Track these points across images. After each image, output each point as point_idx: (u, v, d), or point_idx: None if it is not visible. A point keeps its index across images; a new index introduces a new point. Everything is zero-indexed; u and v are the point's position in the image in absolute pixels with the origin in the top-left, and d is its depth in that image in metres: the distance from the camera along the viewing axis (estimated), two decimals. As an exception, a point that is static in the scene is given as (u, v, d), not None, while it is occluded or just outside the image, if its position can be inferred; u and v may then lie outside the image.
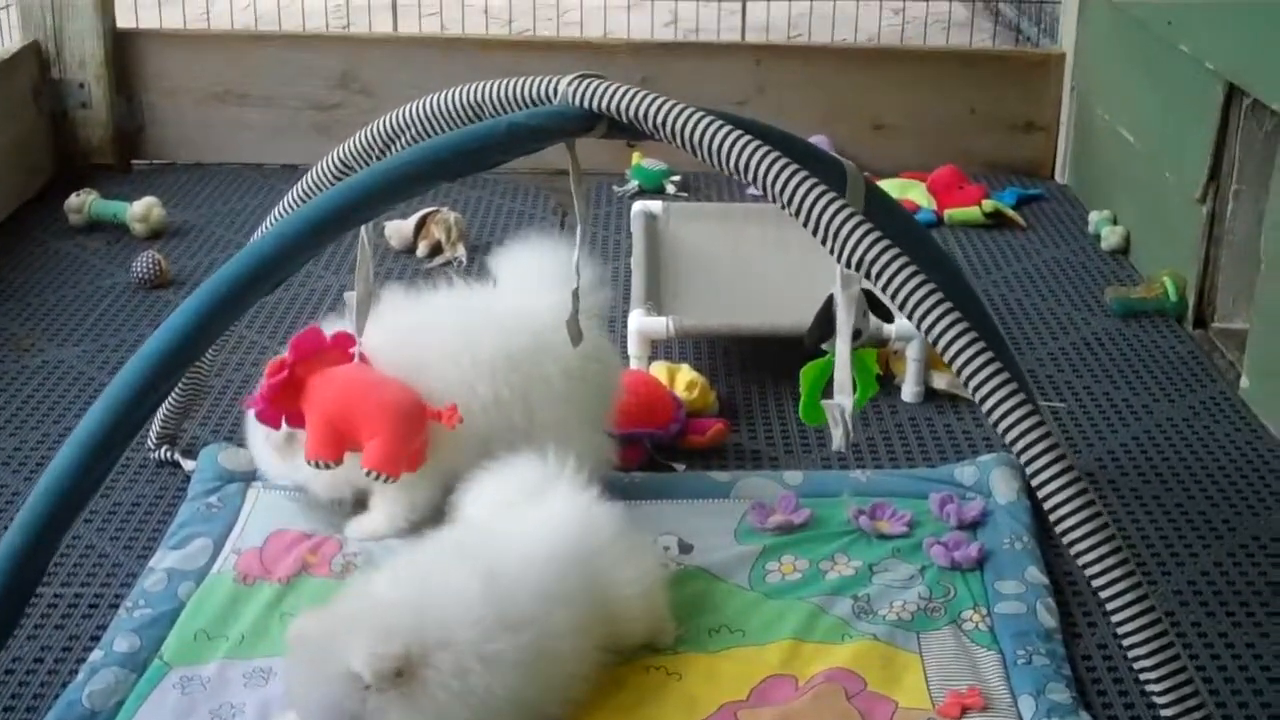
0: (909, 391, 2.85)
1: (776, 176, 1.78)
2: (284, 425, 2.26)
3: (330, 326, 2.31)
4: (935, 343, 1.69)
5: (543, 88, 1.96)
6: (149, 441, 2.57)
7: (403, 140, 2.07)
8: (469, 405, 2.25)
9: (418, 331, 2.32)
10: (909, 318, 1.71)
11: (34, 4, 3.99)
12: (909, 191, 3.90)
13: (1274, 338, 2.79)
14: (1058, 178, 4.18)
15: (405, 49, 4.19)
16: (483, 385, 2.28)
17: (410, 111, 2.07)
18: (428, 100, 2.07)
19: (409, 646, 1.73)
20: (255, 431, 2.38)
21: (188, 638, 2.07)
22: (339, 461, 2.21)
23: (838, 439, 2.08)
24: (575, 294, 2.17)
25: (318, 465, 2.20)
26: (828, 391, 2.16)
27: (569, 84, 1.93)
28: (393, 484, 2.23)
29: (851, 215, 1.74)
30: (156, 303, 3.26)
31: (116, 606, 2.15)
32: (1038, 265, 3.58)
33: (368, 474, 2.20)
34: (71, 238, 3.64)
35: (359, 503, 2.36)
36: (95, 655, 2.02)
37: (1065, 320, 3.26)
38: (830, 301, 2.14)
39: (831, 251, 1.75)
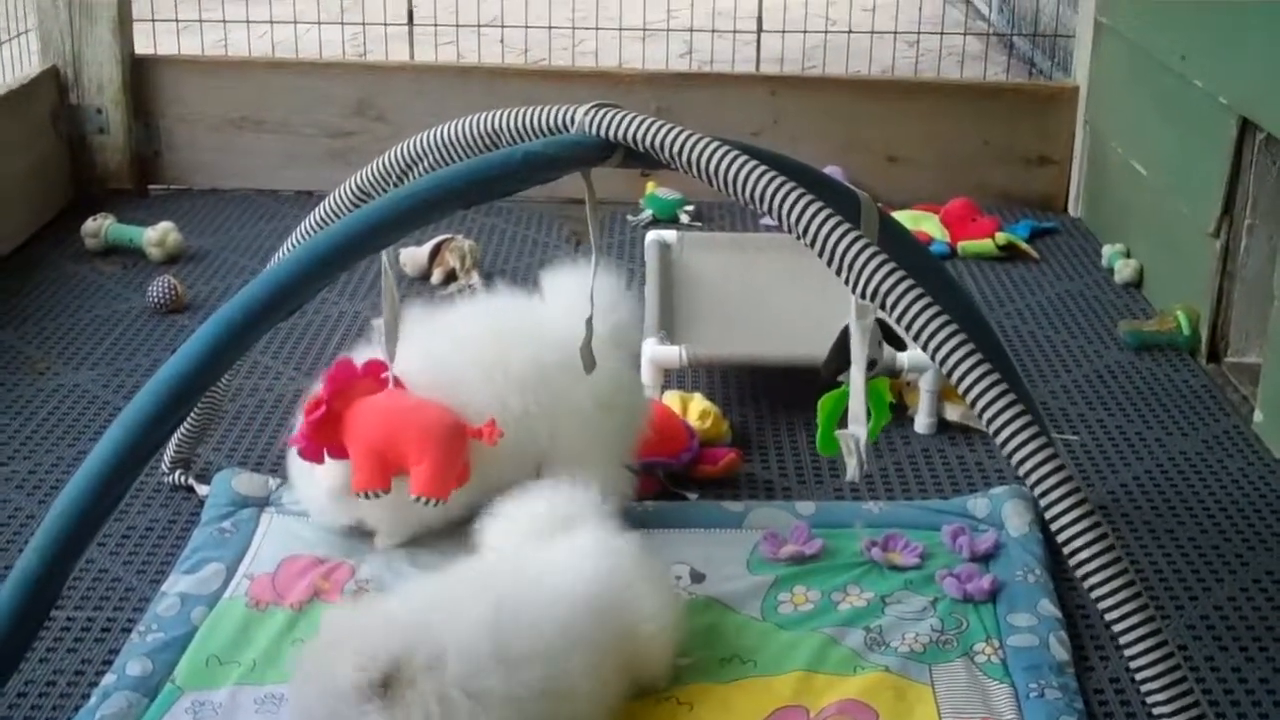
0: (922, 423, 2.85)
1: (792, 207, 1.79)
2: (326, 459, 2.26)
3: (357, 353, 2.32)
4: (949, 374, 1.69)
5: (560, 117, 1.97)
6: (163, 465, 2.58)
7: (420, 167, 2.08)
8: (501, 420, 2.27)
9: (449, 346, 2.33)
10: (923, 349, 1.71)
11: (53, 29, 4.02)
12: (922, 223, 3.90)
13: (1288, 372, 2.79)
14: (1071, 211, 4.19)
15: (421, 77, 4.21)
16: (514, 399, 2.28)
17: (427, 139, 2.08)
18: (445, 128, 2.08)
19: (397, 663, 1.73)
20: (303, 476, 2.36)
21: (200, 663, 2.07)
22: (387, 489, 2.21)
23: (852, 469, 2.08)
24: (589, 322, 2.18)
25: (367, 496, 2.21)
26: (843, 422, 2.17)
27: (586, 113, 1.94)
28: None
29: (866, 246, 1.75)
30: (172, 327, 3.28)
31: (129, 630, 2.16)
32: (1050, 298, 3.58)
33: (416, 500, 2.21)
34: (88, 262, 3.66)
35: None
36: (108, 679, 2.02)
37: (1078, 353, 3.26)
38: (846, 332, 2.14)
39: (846, 282, 1.76)
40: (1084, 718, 2.00)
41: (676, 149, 1.87)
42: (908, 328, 1.72)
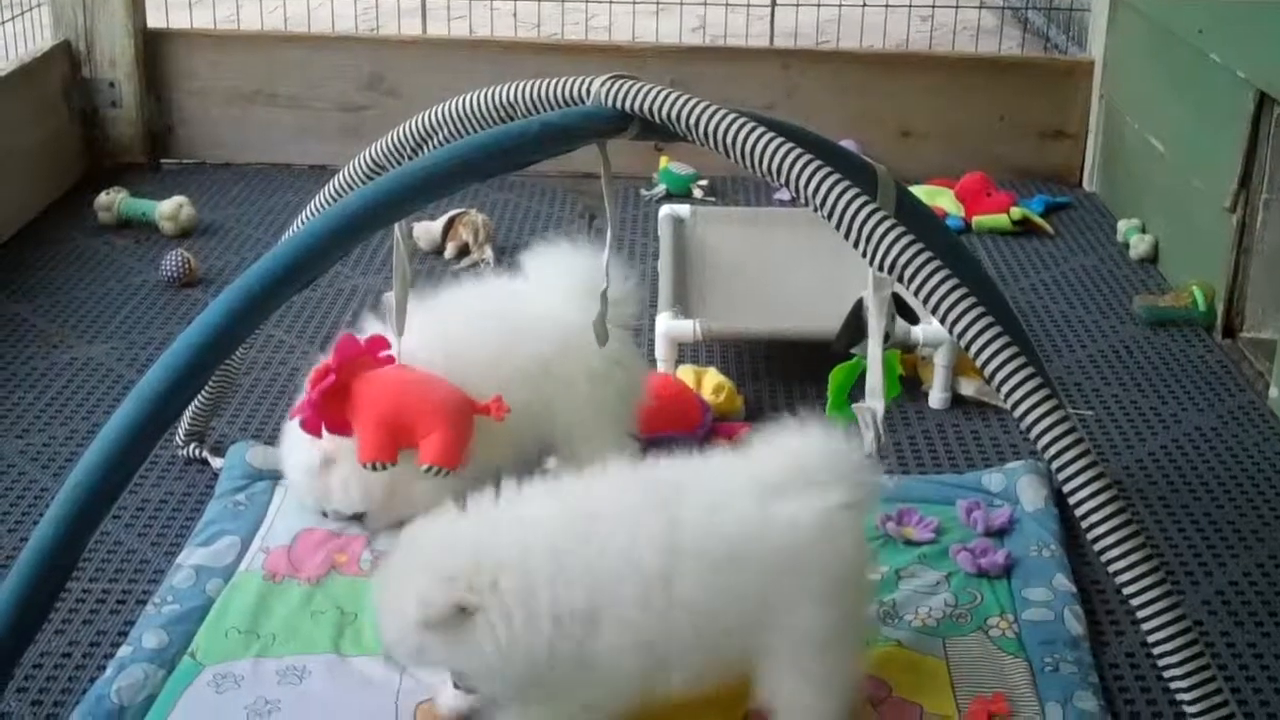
0: (936, 398, 2.84)
1: (809, 179, 1.78)
2: (324, 435, 2.23)
3: (363, 328, 2.31)
4: (967, 347, 1.68)
5: (576, 88, 1.96)
6: (177, 438, 2.58)
7: (435, 140, 2.08)
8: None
9: (452, 339, 2.31)
10: (941, 322, 1.70)
11: (65, 3, 4.01)
12: (937, 198, 3.89)
13: (1304, 348, 2.78)
14: (1086, 185, 4.17)
15: (433, 51, 4.20)
16: (516, 392, 2.27)
17: (442, 112, 2.07)
18: (460, 101, 2.07)
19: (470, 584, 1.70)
20: (290, 454, 2.35)
21: (219, 635, 2.08)
22: (394, 461, 2.19)
23: (869, 442, 2.07)
24: (604, 295, 2.17)
25: (373, 467, 2.19)
26: (854, 394, 2.16)
27: (602, 84, 1.94)
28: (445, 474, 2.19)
29: (884, 218, 1.74)
30: (185, 301, 3.28)
31: (144, 603, 2.16)
32: (1065, 273, 3.57)
33: (426, 470, 2.18)
34: (101, 236, 3.66)
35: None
36: (124, 651, 2.03)
37: (1093, 328, 3.25)
38: (859, 306, 2.13)
39: (864, 254, 1.75)
40: (1099, 692, 2.00)
41: (693, 120, 1.86)
42: (925, 301, 1.71)
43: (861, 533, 1.88)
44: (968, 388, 2.84)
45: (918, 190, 3.86)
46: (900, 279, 1.72)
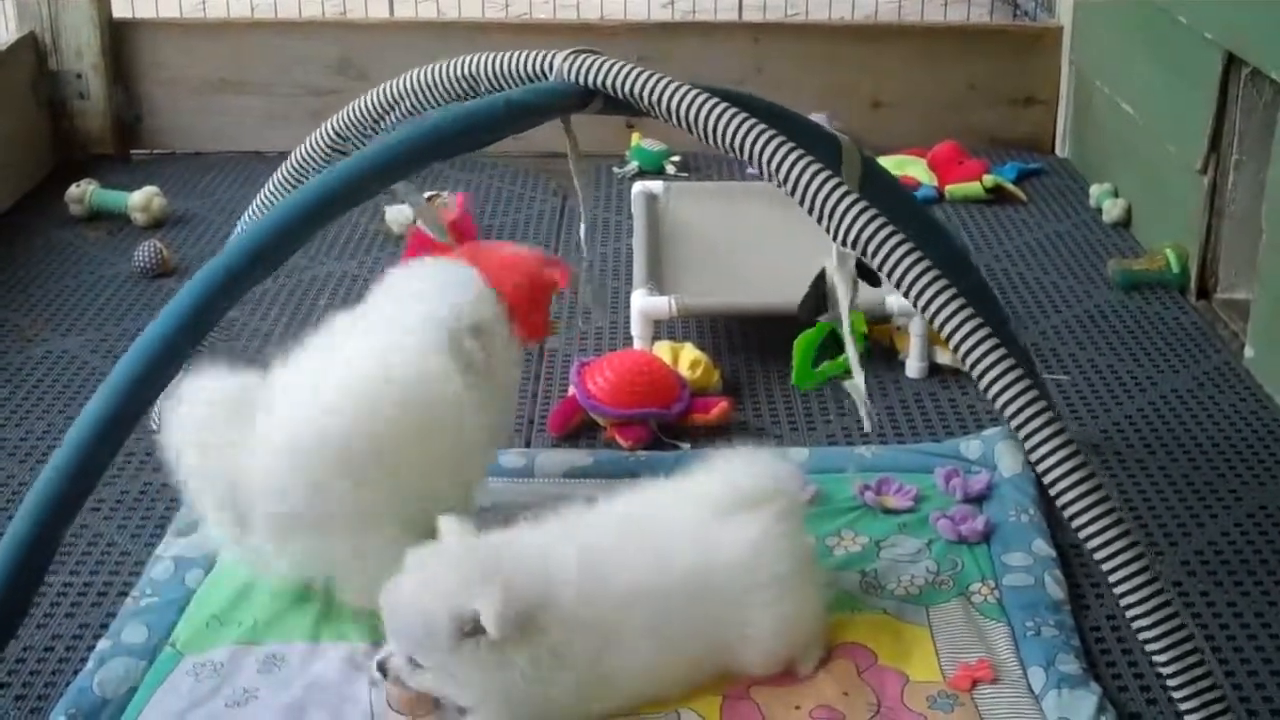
0: (913, 367, 2.85)
1: (772, 154, 1.78)
2: None
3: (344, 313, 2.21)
4: (931, 318, 1.69)
5: (537, 62, 1.96)
6: (153, 420, 2.55)
7: (396, 113, 2.07)
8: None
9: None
10: (904, 294, 1.71)
11: (29, -5, 3.99)
12: (909, 168, 3.89)
13: (1277, 307, 2.79)
14: (1058, 151, 4.18)
15: (402, 34, 4.18)
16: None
17: (403, 84, 2.06)
18: (421, 72, 2.06)
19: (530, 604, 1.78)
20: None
21: (199, 625, 2.07)
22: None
23: (868, 422, 2.09)
24: (587, 270, 2.16)
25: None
26: (818, 359, 2.17)
27: (564, 59, 1.93)
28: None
29: (846, 193, 1.74)
30: (159, 291, 3.26)
31: (125, 594, 2.16)
32: (1039, 239, 3.57)
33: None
34: (73, 228, 3.64)
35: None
36: (103, 644, 2.02)
37: (1068, 293, 3.26)
38: (822, 276, 2.13)
39: (827, 230, 1.75)
40: (1080, 655, 2.01)
41: (655, 96, 1.86)
42: (889, 274, 1.72)
43: (801, 535, 2.04)
44: (944, 356, 2.85)
45: (890, 160, 3.87)
46: (863, 252, 1.73)
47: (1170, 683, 1.64)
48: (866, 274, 2.11)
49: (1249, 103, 3.05)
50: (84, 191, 3.68)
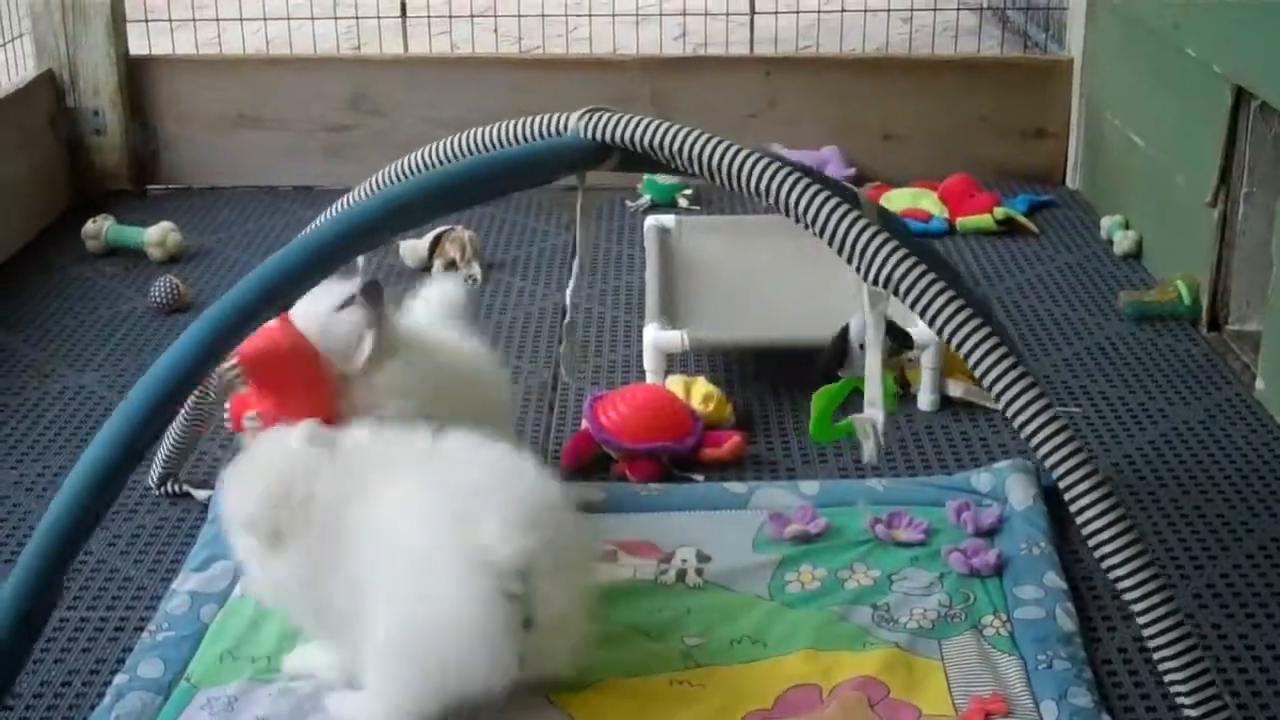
0: (925, 400, 2.86)
1: (799, 197, 1.81)
2: None
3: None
4: (963, 353, 1.72)
5: (553, 124, 1.99)
6: (150, 478, 2.56)
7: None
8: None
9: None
10: (936, 331, 1.74)
11: (47, 33, 4.02)
12: (921, 200, 3.91)
13: (1288, 339, 2.80)
14: (1069, 184, 4.19)
15: (416, 69, 4.21)
16: None
17: (427, 155, 2.09)
18: (444, 144, 2.08)
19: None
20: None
21: (213, 659, 2.08)
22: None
23: (869, 452, 2.09)
24: (570, 327, 2.19)
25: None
26: (836, 417, 2.18)
27: (579, 119, 1.96)
28: None
29: (876, 232, 1.78)
30: (175, 327, 3.28)
31: (141, 629, 2.17)
32: (1051, 271, 3.58)
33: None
34: (89, 264, 3.67)
35: None
36: (120, 679, 2.03)
37: (1079, 325, 3.27)
38: (845, 331, 2.15)
39: (858, 270, 1.78)
40: (1093, 688, 2.01)
41: (676, 147, 1.89)
42: (919, 310, 1.74)
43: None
44: (956, 389, 2.86)
45: (901, 193, 3.90)
46: (894, 291, 1.75)
47: (1190, 714, 1.65)
48: (894, 333, 2.12)
49: (1259, 135, 3.06)
50: (100, 227, 3.71)
